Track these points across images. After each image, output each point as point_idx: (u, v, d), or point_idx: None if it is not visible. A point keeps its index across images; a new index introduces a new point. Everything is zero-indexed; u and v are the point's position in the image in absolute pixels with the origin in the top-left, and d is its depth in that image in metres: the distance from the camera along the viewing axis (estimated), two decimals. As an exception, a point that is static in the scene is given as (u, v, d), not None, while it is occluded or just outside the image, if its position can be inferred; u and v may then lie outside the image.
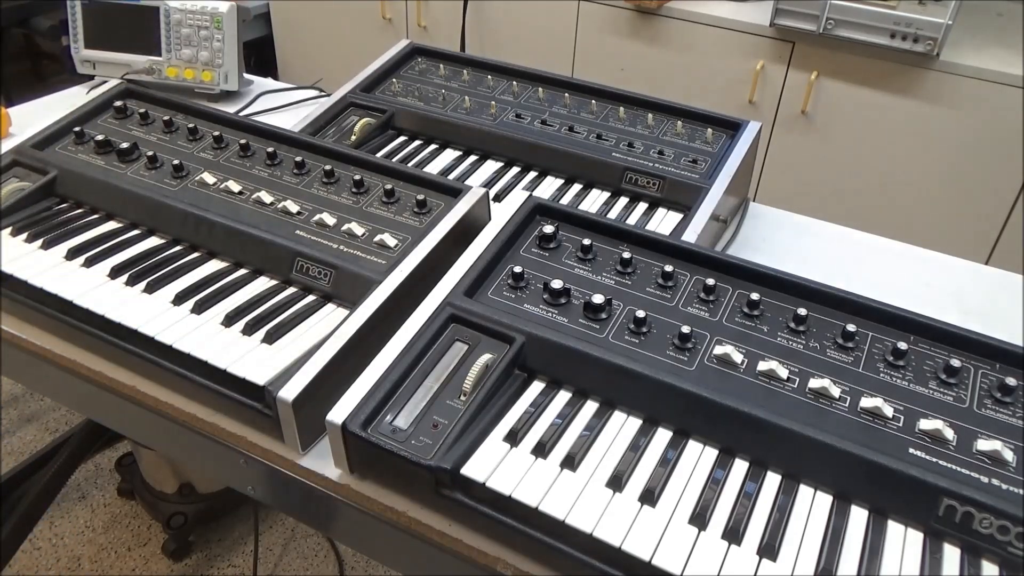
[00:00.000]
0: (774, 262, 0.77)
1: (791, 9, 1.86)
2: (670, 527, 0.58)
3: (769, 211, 1.13)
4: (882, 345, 0.69)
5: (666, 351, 0.69)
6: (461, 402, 0.66)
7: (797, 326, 0.71)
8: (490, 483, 0.60)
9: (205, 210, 0.87)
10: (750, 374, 0.67)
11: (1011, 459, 0.60)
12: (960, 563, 0.57)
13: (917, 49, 1.76)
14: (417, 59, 1.28)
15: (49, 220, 0.91)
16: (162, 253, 0.87)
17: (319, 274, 0.81)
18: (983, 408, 0.64)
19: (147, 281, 0.82)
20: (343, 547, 1.71)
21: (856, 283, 0.76)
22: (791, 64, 1.97)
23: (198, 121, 1.03)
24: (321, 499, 0.72)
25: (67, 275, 0.83)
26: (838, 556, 0.57)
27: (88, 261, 0.85)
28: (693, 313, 0.73)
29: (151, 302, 0.80)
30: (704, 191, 0.97)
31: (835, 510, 0.61)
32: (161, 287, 0.82)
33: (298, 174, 0.93)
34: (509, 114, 1.14)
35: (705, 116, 1.11)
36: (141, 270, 0.84)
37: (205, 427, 0.76)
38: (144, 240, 0.89)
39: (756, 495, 0.61)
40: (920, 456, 0.60)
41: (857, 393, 0.65)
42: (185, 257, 0.87)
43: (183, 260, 0.86)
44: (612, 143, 1.07)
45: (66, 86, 1.36)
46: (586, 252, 0.79)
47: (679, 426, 0.66)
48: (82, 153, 0.98)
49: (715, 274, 0.76)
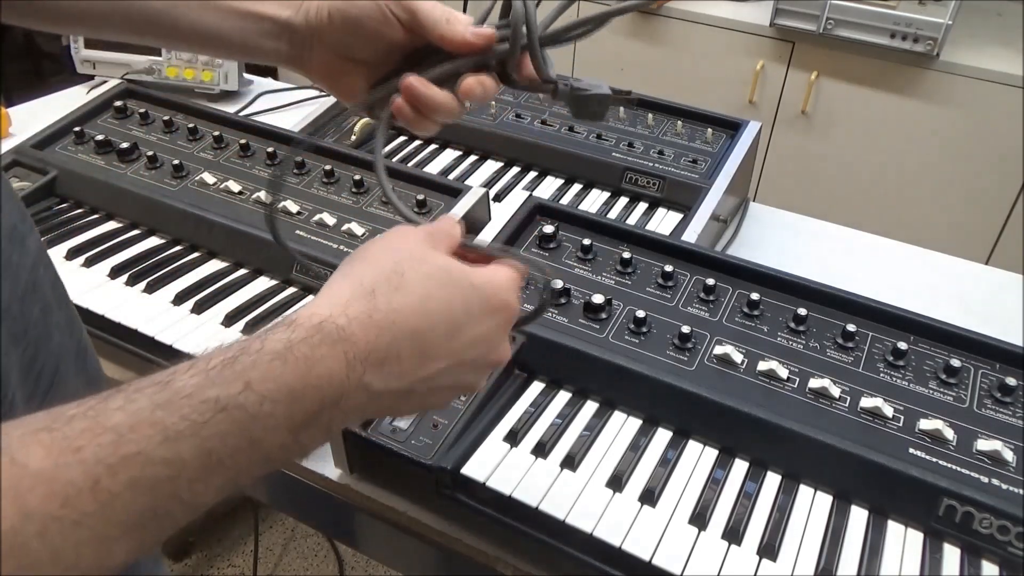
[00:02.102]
0: (774, 262, 0.77)
1: (791, 9, 1.86)
2: (670, 527, 0.58)
3: (769, 211, 1.13)
4: (882, 345, 0.69)
5: (666, 351, 0.69)
6: (461, 402, 0.66)
7: (797, 326, 0.71)
8: (490, 483, 0.60)
9: (205, 210, 0.87)
10: (750, 374, 0.67)
11: (1011, 459, 0.60)
12: (960, 563, 0.57)
13: (917, 49, 1.76)
14: (417, 59, 1.28)
15: (49, 220, 0.91)
16: (162, 253, 0.87)
17: (319, 274, 0.81)
18: (983, 408, 0.64)
19: (147, 281, 0.82)
20: (343, 547, 1.71)
21: (856, 283, 0.76)
22: (791, 64, 1.97)
23: (198, 121, 1.03)
24: (321, 499, 0.72)
25: (67, 275, 0.82)
26: (838, 556, 0.57)
27: (88, 261, 0.85)
28: (693, 313, 0.73)
29: (151, 302, 0.80)
30: (704, 191, 0.97)
31: (835, 510, 0.61)
32: (161, 287, 0.82)
33: (298, 174, 0.93)
34: (509, 114, 1.14)
35: (705, 116, 1.11)
36: (141, 270, 0.84)
37: (205, 427, 0.76)
38: (144, 240, 0.89)
39: (756, 495, 0.61)
40: (920, 456, 0.60)
41: (857, 393, 0.65)
42: (185, 257, 0.87)
43: (183, 260, 0.86)
44: (612, 143, 1.07)
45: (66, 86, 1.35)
46: (586, 252, 0.79)
47: (679, 426, 0.66)
48: (82, 153, 0.98)
49: (715, 274, 0.76)
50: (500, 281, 0.42)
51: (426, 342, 0.38)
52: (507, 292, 0.42)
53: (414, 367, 0.38)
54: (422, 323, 0.37)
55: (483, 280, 0.41)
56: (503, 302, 0.42)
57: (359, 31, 0.49)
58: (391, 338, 0.36)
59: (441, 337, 0.38)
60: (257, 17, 0.52)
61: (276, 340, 0.32)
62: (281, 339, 0.32)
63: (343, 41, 0.50)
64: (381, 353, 0.35)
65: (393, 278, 0.38)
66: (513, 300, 0.43)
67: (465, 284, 0.40)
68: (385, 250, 0.40)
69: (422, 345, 0.37)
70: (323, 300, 0.37)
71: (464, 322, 0.39)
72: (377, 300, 0.36)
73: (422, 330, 0.37)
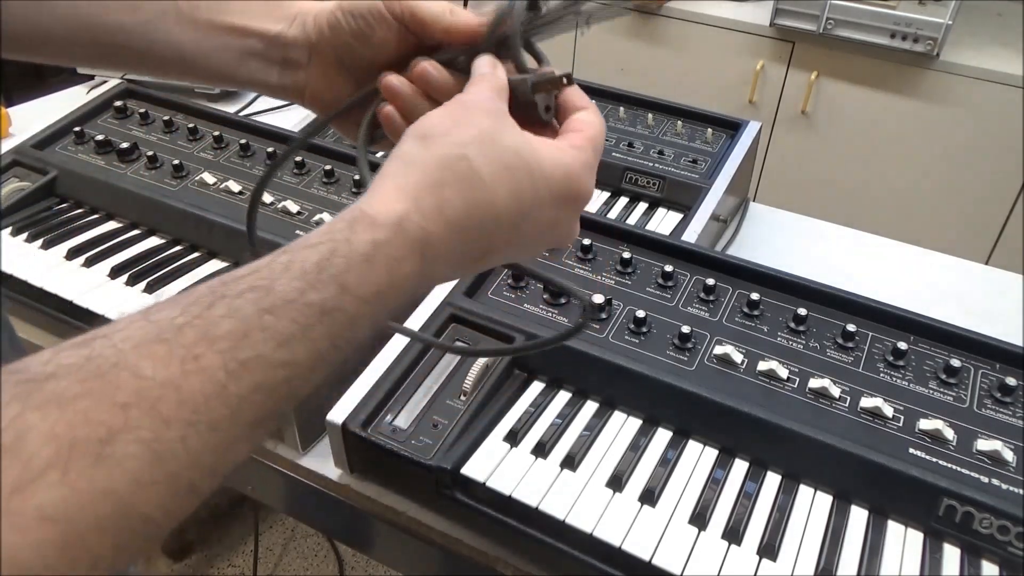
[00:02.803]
0: (774, 262, 0.77)
1: (791, 9, 1.86)
2: (670, 527, 0.58)
3: (769, 211, 1.13)
4: (882, 345, 0.69)
5: (666, 351, 0.69)
6: (461, 402, 0.66)
7: (797, 326, 0.71)
8: (490, 483, 0.60)
9: (205, 210, 0.87)
10: (750, 374, 0.67)
11: (1011, 459, 0.60)
12: (960, 563, 0.57)
13: (917, 49, 1.76)
14: (417, 59, 1.28)
15: (49, 220, 0.91)
16: (162, 253, 0.87)
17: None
18: (983, 408, 0.64)
19: (147, 281, 0.82)
20: (343, 547, 1.71)
21: (856, 283, 0.76)
22: (791, 64, 1.97)
23: (198, 121, 1.03)
24: (321, 499, 0.72)
25: (67, 275, 0.83)
26: (838, 556, 0.57)
27: (88, 261, 0.85)
28: (693, 313, 0.73)
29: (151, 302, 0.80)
30: (704, 191, 0.97)
31: (835, 510, 0.61)
32: (161, 287, 0.82)
33: (298, 174, 0.93)
34: (509, 114, 1.14)
35: (705, 116, 1.11)
36: (141, 270, 0.84)
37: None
38: (144, 240, 0.89)
39: (756, 495, 0.61)
40: (920, 456, 0.60)
41: (857, 393, 0.65)
42: (185, 257, 0.87)
43: (183, 260, 0.86)
44: (612, 143, 1.07)
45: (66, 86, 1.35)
46: (586, 252, 0.79)
47: (679, 426, 0.66)
48: (82, 153, 0.98)
49: (715, 274, 0.76)
50: (574, 168, 0.39)
51: (493, 235, 0.38)
52: (579, 180, 0.40)
53: (479, 255, 0.38)
54: (489, 217, 0.37)
55: (555, 165, 0.39)
56: (575, 192, 0.40)
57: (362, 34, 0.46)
58: (461, 233, 0.36)
59: (507, 229, 0.38)
60: (240, 32, 0.46)
61: (362, 242, 0.33)
62: (367, 240, 0.33)
63: (343, 50, 0.46)
64: (452, 248, 0.36)
65: (460, 166, 0.36)
66: (585, 188, 0.40)
67: (536, 172, 0.38)
68: (452, 126, 0.37)
69: (490, 237, 0.38)
70: (392, 188, 0.36)
71: (534, 213, 0.38)
72: (445, 192, 0.35)
73: (489, 226, 0.37)
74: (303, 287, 0.31)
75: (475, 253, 0.38)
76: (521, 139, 0.38)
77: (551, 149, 0.39)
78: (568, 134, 0.41)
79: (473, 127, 0.37)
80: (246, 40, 0.46)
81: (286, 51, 0.47)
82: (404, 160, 0.37)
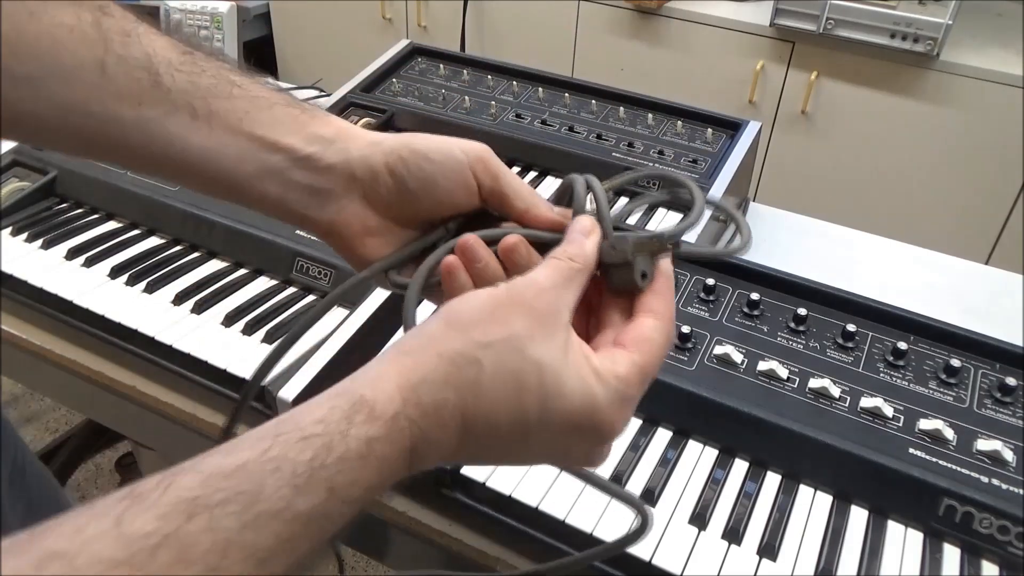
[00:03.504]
0: (774, 262, 0.77)
1: (791, 9, 1.86)
2: (670, 527, 0.58)
3: (769, 211, 1.13)
4: (882, 345, 0.69)
5: (666, 351, 0.69)
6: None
7: (797, 326, 0.71)
8: (490, 483, 0.60)
9: (205, 210, 0.87)
10: (750, 374, 0.67)
11: (1011, 459, 0.60)
12: (960, 563, 0.57)
13: (917, 49, 1.76)
14: (417, 59, 1.28)
15: (49, 220, 0.91)
16: (162, 253, 0.87)
17: (319, 274, 0.81)
18: (983, 408, 0.64)
19: (147, 281, 0.82)
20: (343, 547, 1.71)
21: (856, 283, 0.76)
22: (791, 64, 1.97)
23: (198, 121, 1.02)
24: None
25: (67, 275, 0.83)
26: (838, 556, 0.57)
27: (88, 261, 0.85)
28: (693, 313, 0.73)
29: (151, 302, 0.80)
30: (704, 191, 0.96)
31: (835, 510, 0.61)
32: (161, 287, 0.82)
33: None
34: (509, 114, 1.14)
35: (705, 116, 1.11)
36: (141, 270, 0.84)
37: (205, 427, 0.76)
38: (144, 240, 0.89)
39: (756, 495, 0.61)
40: (920, 456, 0.60)
41: (857, 393, 0.65)
42: (185, 257, 0.87)
43: (183, 260, 0.86)
44: (612, 143, 1.07)
45: (66, 86, 1.35)
46: (586, 252, 0.78)
47: (679, 426, 0.66)
48: (82, 153, 0.98)
49: (715, 274, 0.76)
50: (601, 402, 0.35)
51: (491, 447, 0.36)
52: (603, 415, 0.35)
53: (474, 456, 0.36)
54: (486, 430, 0.34)
55: (577, 394, 0.34)
56: (595, 425, 0.35)
57: (425, 188, 0.40)
58: (457, 437, 0.34)
59: (510, 442, 0.35)
60: (266, 146, 0.40)
61: (358, 439, 0.31)
62: (362, 438, 0.31)
63: (397, 196, 0.41)
64: (445, 445, 0.34)
65: (469, 371, 0.33)
66: (609, 423, 0.36)
67: (553, 396, 0.34)
68: (484, 321, 0.34)
69: (488, 448, 0.36)
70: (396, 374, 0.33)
71: (542, 436, 0.35)
72: (447, 394, 0.33)
73: (485, 439, 0.35)
74: (291, 495, 0.29)
75: (472, 452, 0.36)
76: (552, 353, 0.34)
77: (583, 373, 0.35)
78: (619, 351, 0.37)
79: (505, 328, 0.34)
80: (271, 155, 0.40)
81: (316, 177, 0.41)
82: (422, 340, 0.34)
